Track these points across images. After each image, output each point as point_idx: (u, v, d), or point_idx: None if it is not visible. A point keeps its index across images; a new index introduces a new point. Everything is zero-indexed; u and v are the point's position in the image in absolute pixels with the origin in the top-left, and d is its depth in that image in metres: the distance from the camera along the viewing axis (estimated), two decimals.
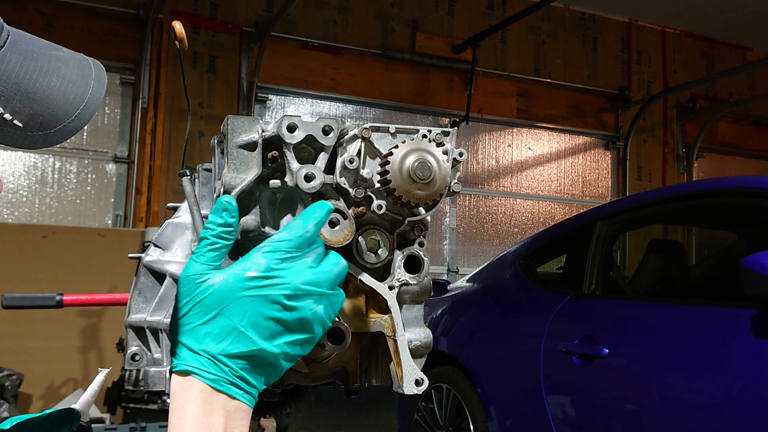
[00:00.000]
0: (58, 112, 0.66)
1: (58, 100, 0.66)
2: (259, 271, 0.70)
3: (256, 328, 0.69)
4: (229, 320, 0.69)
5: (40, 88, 0.65)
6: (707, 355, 2.40)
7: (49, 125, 0.66)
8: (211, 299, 0.70)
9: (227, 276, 0.70)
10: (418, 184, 0.84)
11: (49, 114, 0.66)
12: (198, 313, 0.70)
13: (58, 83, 0.66)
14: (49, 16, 5.82)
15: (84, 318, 5.25)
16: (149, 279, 1.20)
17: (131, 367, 1.15)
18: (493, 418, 3.28)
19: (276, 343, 0.70)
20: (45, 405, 5.10)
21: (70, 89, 0.68)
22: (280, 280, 0.70)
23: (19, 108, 0.63)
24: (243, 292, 0.69)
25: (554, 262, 3.80)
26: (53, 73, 0.67)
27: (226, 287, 0.70)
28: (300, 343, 0.72)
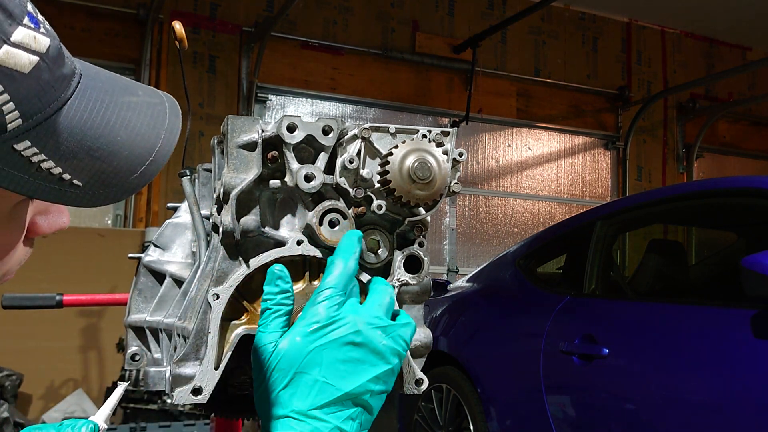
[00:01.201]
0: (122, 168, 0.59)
1: (124, 155, 0.59)
2: (321, 322, 0.73)
3: (335, 373, 0.71)
4: (308, 375, 0.71)
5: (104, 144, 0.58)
6: (707, 355, 2.40)
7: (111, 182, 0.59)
8: (285, 362, 0.72)
9: (293, 335, 0.73)
10: (418, 184, 0.84)
11: (112, 171, 0.59)
12: (277, 379, 0.72)
13: (125, 136, 0.59)
14: (49, 16, 5.77)
15: (84, 318, 5.25)
16: (149, 279, 1.20)
17: (131, 367, 1.15)
18: (493, 418, 3.28)
19: (358, 383, 0.72)
20: (45, 405, 5.10)
21: (138, 142, 0.61)
22: (342, 323, 0.73)
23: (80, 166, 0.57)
24: (312, 344, 0.72)
25: (554, 262, 3.80)
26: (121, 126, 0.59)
27: (295, 346, 0.72)
28: (382, 378, 0.74)
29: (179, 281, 1.15)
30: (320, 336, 0.72)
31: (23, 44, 0.50)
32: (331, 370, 0.71)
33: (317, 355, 0.71)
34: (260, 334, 0.75)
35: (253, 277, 0.92)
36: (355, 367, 0.72)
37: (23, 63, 0.50)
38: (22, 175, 0.54)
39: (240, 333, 0.91)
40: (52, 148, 0.54)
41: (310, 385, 0.71)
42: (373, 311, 0.75)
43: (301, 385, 0.71)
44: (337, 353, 0.72)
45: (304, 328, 0.73)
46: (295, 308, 0.92)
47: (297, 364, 0.71)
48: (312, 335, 0.72)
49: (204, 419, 4.23)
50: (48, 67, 0.53)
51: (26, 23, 0.51)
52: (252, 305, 0.93)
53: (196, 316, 0.91)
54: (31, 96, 0.52)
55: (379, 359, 0.73)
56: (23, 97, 0.51)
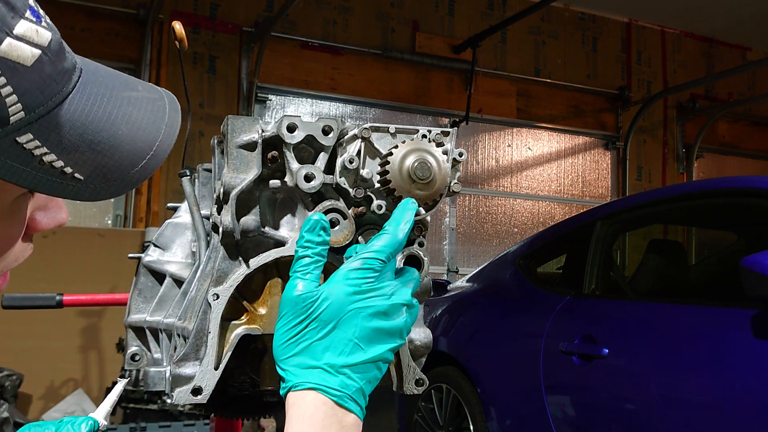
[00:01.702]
0: (124, 162, 0.60)
1: (125, 149, 0.59)
2: (363, 286, 0.75)
3: (366, 338, 0.74)
4: (344, 332, 0.73)
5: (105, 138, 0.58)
6: (707, 355, 2.40)
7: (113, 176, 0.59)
8: (326, 314, 0.73)
9: (336, 291, 0.74)
10: (418, 184, 0.84)
11: (113, 165, 0.59)
12: (314, 329, 0.73)
13: (126, 130, 0.60)
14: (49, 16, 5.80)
15: (84, 318, 5.25)
16: (149, 279, 1.20)
17: (131, 367, 1.15)
18: (493, 418, 3.28)
19: (381, 350, 0.75)
20: (45, 405, 5.10)
21: (139, 137, 0.61)
22: (380, 293, 0.75)
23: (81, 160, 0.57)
24: (352, 305, 0.74)
25: (554, 262, 3.80)
26: (122, 120, 0.60)
27: (338, 302, 0.73)
28: (393, 351, 0.77)
29: (179, 281, 1.15)
30: (362, 299, 0.74)
31: (26, 37, 0.51)
32: (364, 334, 0.73)
33: (354, 317, 0.73)
34: (300, 280, 0.75)
35: (253, 277, 0.92)
36: (381, 337, 0.74)
37: (26, 56, 0.51)
38: (24, 168, 0.54)
39: (240, 333, 0.91)
40: (54, 141, 0.55)
41: (344, 343, 0.73)
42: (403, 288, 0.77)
43: (336, 340, 0.73)
44: (372, 320, 0.74)
45: (348, 286, 0.74)
46: None
47: (336, 320, 0.73)
48: (355, 296, 0.74)
49: (204, 419, 4.23)
50: (50, 60, 0.53)
51: (28, 17, 0.52)
52: (252, 305, 0.93)
53: (196, 316, 0.91)
54: (34, 89, 0.52)
55: (398, 334, 0.76)
56: (26, 90, 0.51)
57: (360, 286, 0.74)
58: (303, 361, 0.72)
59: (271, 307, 0.92)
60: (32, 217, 0.66)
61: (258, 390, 0.96)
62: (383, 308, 0.75)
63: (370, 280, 0.75)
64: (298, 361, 0.72)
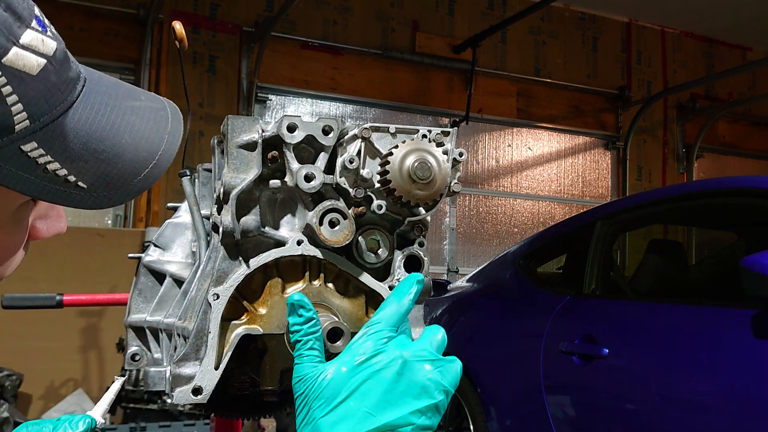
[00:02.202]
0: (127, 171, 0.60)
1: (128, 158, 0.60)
2: (367, 354, 0.73)
3: (377, 404, 0.71)
4: (351, 404, 0.71)
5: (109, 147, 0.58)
6: (707, 355, 2.40)
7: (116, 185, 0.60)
8: (328, 391, 0.72)
9: (338, 365, 0.73)
10: (418, 184, 0.84)
11: (116, 174, 0.60)
12: (319, 407, 0.72)
13: (129, 139, 0.60)
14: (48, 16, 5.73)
15: (84, 318, 5.25)
16: (149, 279, 1.20)
17: (131, 367, 1.15)
18: (493, 418, 3.28)
19: (399, 414, 0.71)
20: (45, 405, 5.10)
21: (142, 146, 0.62)
22: (387, 356, 0.73)
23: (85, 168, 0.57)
24: (356, 375, 0.72)
25: (554, 262, 3.80)
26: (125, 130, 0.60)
27: (340, 376, 0.72)
28: (424, 412, 0.73)
29: (179, 281, 1.15)
30: (365, 367, 0.72)
31: (32, 47, 0.51)
32: (373, 401, 0.71)
33: (361, 386, 0.72)
34: (299, 366, 0.75)
35: (253, 277, 0.92)
36: (397, 399, 0.72)
37: (31, 65, 0.51)
38: (28, 176, 0.54)
39: (240, 333, 0.91)
40: (58, 149, 0.55)
41: (351, 414, 0.71)
42: (422, 345, 0.75)
43: (341, 414, 0.71)
44: (380, 384, 0.72)
45: (350, 359, 0.73)
46: None
47: (340, 394, 0.71)
48: (357, 367, 0.72)
49: (204, 419, 4.23)
50: (55, 69, 0.54)
51: (34, 26, 0.52)
52: (252, 305, 0.93)
53: (196, 316, 0.91)
54: (39, 98, 0.53)
55: (423, 392, 0.73)
56: (31, 99, 0.52)
57: (363, 355, 0.73)
58: None
59: (271, 307, 0.92)
60: (33, 225, 0.66)
61: (258, 390, 0.96)
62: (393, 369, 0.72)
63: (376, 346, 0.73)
64: None
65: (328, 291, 0.93)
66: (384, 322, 0.75)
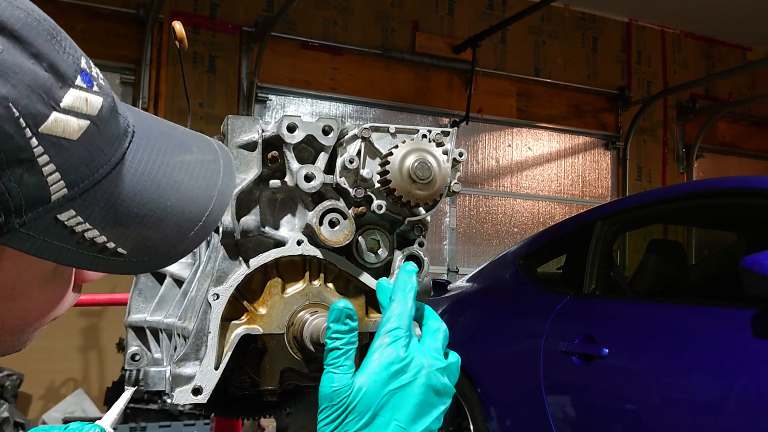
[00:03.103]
0: (170, 234, 0.55)
1: (172, 221, 0.54)
2: (395, 364, 0.75)
3: (407, 416, 0.74)
4: (383, 418, 0.74)
5: (152, 210, 0.53)
6: (707, 355, 2.40)
7: (158, 250, 0.55)
8: (362, 404, 0.74)
9: (369, 377, 0.74)
10: (418, 184, 0.84)
11: (159, 238, 0.54)
12: (352, 420, 0.73)
13: (175, 201, 0.54)
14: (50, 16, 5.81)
15: (84, 318, 5.25)
16: (149, 279, 1.20)
17: (131, 367, 1.15)
18: (493, 418, 3.28)
19: (426, 424, 0.75)
20: (45, 405, 5.10)
21: (189, 207, 0.55)
22: (414, 366, 0.76)
23: (125, 234, 0.52)
24: (388, 387, 0.74)
25: (554, 262, 3.80)
26: (172, 190, 0.54)
27: (373, 389, 0.74)
28: (439, 417, 0.77)
29: (179, 281, 1.15)
30: (395, 380, 0.75)
31: (74, 109, 0.47)
32: (404, 413, 0.74)
33: (391, 399, 0.74)
34: (333, 375, 0.75)
35: (253, 277, 0.92)
36: (423, 409, 0.75)
37: (72, 129, 0.47)
38: (63, 246, 0.50)
39: (240, 333, 0.91)
40: (97, 216, 0.50)
41: (384, 428, 0.73)
42: (434, 352, 0.78)
43: (376, 427, 0.73)
44: (410, 397, 0.74)
45: (381, 370, 0.75)
46: (296, 308, 0.92)
47: (374, 407, 0.73)
48: (389, 379, 0.74)
49: (204, 419, 4.23)
50: (99, 130, 0.49)
51: (79, 83, 0.48)
52: (252, 305, 0.93)
53: (196, 316, 0.91)
54: (79, 164, 0.48)
55: (440, 400, 0.77)
56: (70, 166, 0.47)
57: (392, 366, 0.75)
58: None
59: (271, 307, 0.92)
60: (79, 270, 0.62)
61: (258, 390, 0.96)
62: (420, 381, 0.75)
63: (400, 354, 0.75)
64: None
65: (328, 291, 0.93)
66: (402, 328, 0.77)
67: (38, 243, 0.48)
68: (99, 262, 0.52)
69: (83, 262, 0.52)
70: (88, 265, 0.52)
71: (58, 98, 0.46)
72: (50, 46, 0.47)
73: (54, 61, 0.47)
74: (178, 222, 0.55)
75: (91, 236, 0.51)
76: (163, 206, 0.54)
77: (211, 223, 0.58)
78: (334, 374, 0.75)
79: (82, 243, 0.50)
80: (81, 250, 0.51)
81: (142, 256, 0.54)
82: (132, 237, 0.53)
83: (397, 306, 0.78)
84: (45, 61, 0.46)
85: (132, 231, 0.53)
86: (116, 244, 0.52)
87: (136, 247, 0.53)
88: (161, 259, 0.56)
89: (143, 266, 0.55)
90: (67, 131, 0.47)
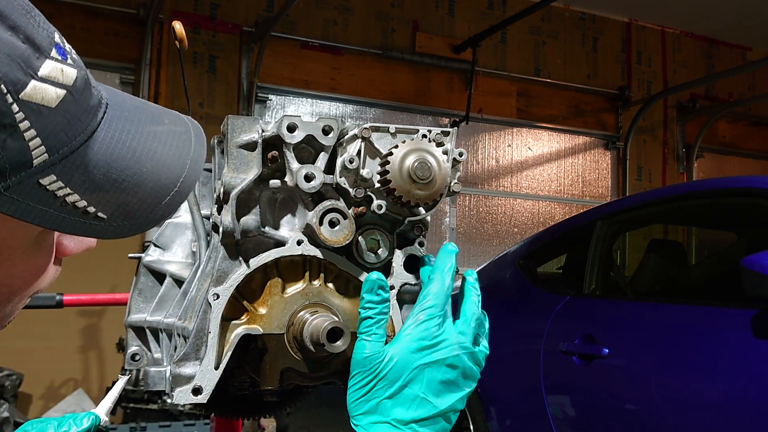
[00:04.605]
0: (147, 199, 0.58)
1: (149, 186, 0.58)
2: (427, 340, 0.78)
3: (435, 392, 0.77)
4: (411, 389, 0.77)
5: (129, 176, 0.57)
6: (707, 355, 2.40)
7: (136, 214, 0.58)
8: (393, 373, 0.77)
9: (401, 348, 0.77)
10: (418, 184, 0.84)
11: (137, 203, 0.58)
12: (382, 388, 0.76)
13: (150, 167, 0.58)
14: (48, 16, 5.73)
15: (84, 318, 5.25)
16: (149, 279, 1.20)
17: (131, 367, 1.15)
18: (493, 418, 3.28)
19: (450, 402, 0.79)
20: (45, 405, 5.10)
21: (164, 173, 0.59)
22: (445, 345, 0.79)
23: (105, 199, 0.56)
24: (419, 361, 0.77)
25: (554, 262, 3.80)
26: (147, 157, 0.58)
27: (404, 360, 0.77)
28: (464, 399, 0.80)
29: (179, 281, 1.15)
30: (426, 354, 0.77)
31: (51, 78, 0.50)
32: (431, 388, 0.77)
33: (421, 372, 0.77)
34: (366, 342, 0.78)
35: (253, 277, 0.92)
36: (449, 387, 0.78)
37: (50, 97, 0.50)
38: (46, 210, 0.53)
39: (240, 333, 0.91)
40: (77, 181, 0.54)
41: (411, 399, 0.76)
42: (467, 335, 0.81)
43: (403, 397, 0.76)
44: (438, 373, 0.78)
45: (413, 343, 0.77)
46: (296, 308, 0.92)
47: (403, 377, 0.76)
48: (420, 353, 0.77)
49: (204, 419, 4.23)
50: (75, 99, 0.52)
51: (54, 55, 0.51)
52: (252, 305, 0.93)
53: (196, 316, 0.91)
54: (58, 130, 0.51)
55: (466, 382, 0.80)
56: (50, 132, 0.51)
57: (423, 341, 0.77)
58: (373, 417, 0.76)
59: (271, 307, 0.92)
60: (60, 242, 0.65)
61: (258, 390, 0.96)
62: (449, 360, 0.78)
63: (433, 332, 0.78)
64: (368, 417, 0.76)
65: (328, 291, 0.93)
66: (437, 306, 0.80)
67: (23, 206, 0.51)
68: (81, 226, 0.56)
69: (66, 225, 0.55)
70: (71, 229, 0.56)
71: (35, 68, 0.49)
72: (26, 20, 0.50)
73: (30, 34, 0.50)
74: (154, 187, 0.59)
75: (72, 200, 0.54)
76: (139, 172, 0.57)
77: (185, 188, 0.61)
78: (367, 341, 0.78)
79: (64, 206, 0.54)
80: (63, 213, 0.54)
81: (122, 221, 0.58)
82: (111, 202, 0.56)
83: (435, 285, 0.81)
84: (22, 33, 0.49)
85: (111, 196, 0.56)
86: (96, 209, 0.56)
87: (115, 211, 0.57)
88: (140, 224, 0.59)
89: (123, 231, 0.58)
90: (45, 99, 0.50)
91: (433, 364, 0.77)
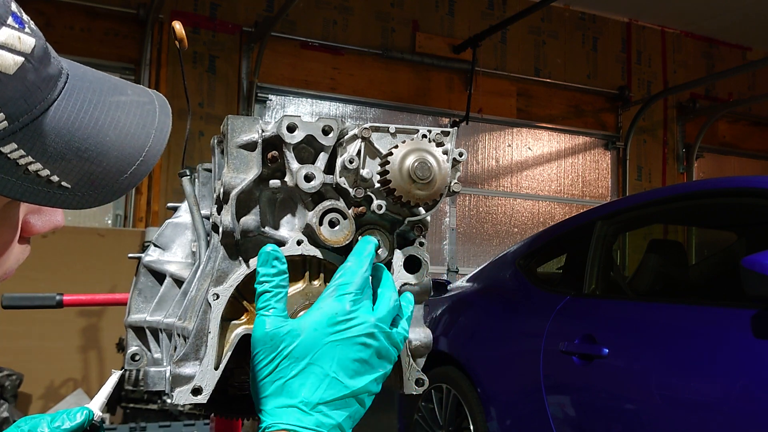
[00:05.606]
0: (112, 169, 0.58)
1: (113, 156, 0.58)
2: (340, 316, 0.73)
3: (346, 371, 0.72)
4: (320, 368, 0.71)
5: (92, 145, 0.56)
6: (707, 355, 2.40)
7: (101, 184, 0.58)
8: (299, 350, 0.71)
9: (309, 324, 0.72)
10: (418, 184, 0.84)
11: (101, 172, 0.57)
12: (287, 367, 0.71)
13: (114, 136, 0.58)
14: (49, 16, 5.82)
15: (84, 318, 5.25)
16: (149, 279, 1.20)
17: (131, 367, 1.15)
18: (493, 418, 3.28)
19: (363, 383, 0.73)
20: (45, 405, 5.10)
21: (128, 142, 0.59)
22: (358, 321, 0.73)
23: (68, 168, 0.55)
24: (329, 338, 0.72)
25: (554, 262, 3.80)
26: (110, 126, 0.58)
27: (312, 336, 0.72)
28: (380, 380, 0.75)
29: (179, 281, 1.15)
30: (338, 331, 0.72)
31: (7, 45, 0.50)
32: (342, 367, 0.71)
33: (332, 349, 0.71)
34: (267, 318, 0.73)
35: (253, 277, 0.92)
36: (362, 367, 0.73)
37: (8, 64, 0.50)
38: (9, 178, 0.53)
39: (240, 333, 0.91)
40: (39, 149, 0.54)
41: (320, 379, 0.71)
42: (383, 315, 0.76)
43: (311, 376, 0.71)
44: (351, 351, 0.72)
45: (322, 319, 0.72)
46: (296, 308, 0.92)
47: (311, 355, 0.71)
48: (330, 328, 0.72)
49: (204, 419, 4.23)
50: (33, 67, 0.52)
51: (10, 23, 0.51)
52: (252, 305, 0.93)
53: (196, 316, 0.91)
54: (17, 98, 0.51)
55: (381, 363, 0.74)
56: (8, 99, 0.51)
57: (336, 316, 0.72)
58: (279, 400, 0.71)
59: None
60: (26, 221, 0.65)
61: None
62: (362, 339, 0.72)
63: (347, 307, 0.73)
64: (273, 401, 0.71)
65: None
66: (351, 284, 0.75)
67: None
68: (45, 196, 0.56)
69: (30, 194, 0.55)
70: (34, 198, 0.55)
71: None
72: None
73: None
74: (119, 156, 0.58)
75: (34, 169, 0.54)
76: (102, 141, 0.57)
77: (150, 158, 0.61)
78: (266, 317, 0.73)
79: (27, 175, 0.54)
80: (26, 183, 0.54)
81: (87, 190, 0.57)
82: (75, 171, 0.56)
83: (351, 264, 0.78)
84: None
85: (74, 165, 0.56)
86: (60, 178, 0.55)
87: (80, 181, 0.57)
88: (106, 194, 0.59)
89: (89, 200, 0.58)
90: (2, 66, 0.50)
91: (345, 341, 0.72)
